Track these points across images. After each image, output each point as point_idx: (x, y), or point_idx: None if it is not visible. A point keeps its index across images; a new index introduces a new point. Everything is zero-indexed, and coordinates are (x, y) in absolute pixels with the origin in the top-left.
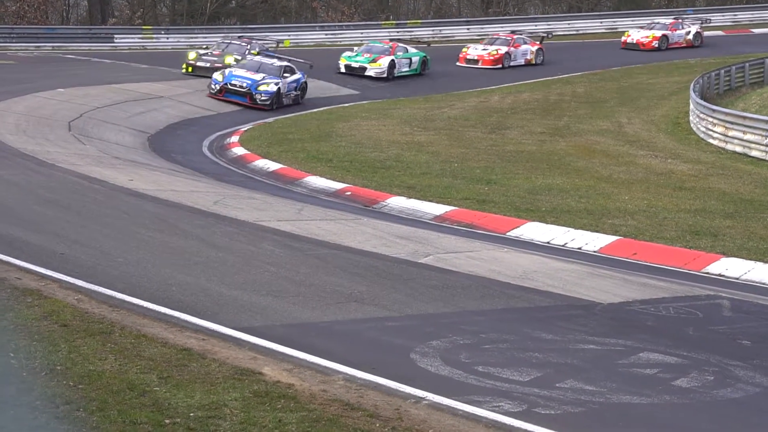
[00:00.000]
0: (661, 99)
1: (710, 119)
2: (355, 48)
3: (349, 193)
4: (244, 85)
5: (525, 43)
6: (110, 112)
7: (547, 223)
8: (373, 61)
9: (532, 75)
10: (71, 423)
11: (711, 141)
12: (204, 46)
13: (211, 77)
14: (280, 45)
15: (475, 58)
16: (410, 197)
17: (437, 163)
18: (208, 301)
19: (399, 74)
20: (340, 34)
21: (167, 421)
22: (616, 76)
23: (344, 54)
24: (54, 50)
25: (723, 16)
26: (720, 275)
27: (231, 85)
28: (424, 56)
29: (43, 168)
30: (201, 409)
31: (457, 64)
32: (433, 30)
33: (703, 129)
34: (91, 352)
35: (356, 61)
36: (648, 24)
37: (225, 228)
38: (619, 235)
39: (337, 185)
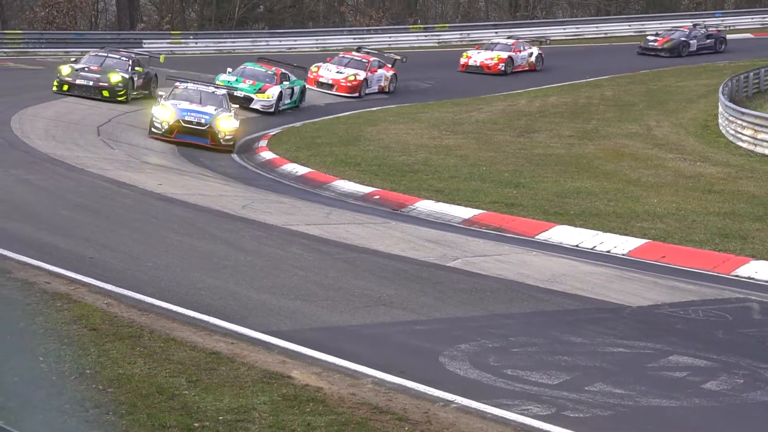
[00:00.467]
0: (689, 102)
1: (739, 122)
2: (230, 69)
3: (377, 196)
4: (202, 121)
5: (380, 66)
6: (139, 117)
7: (575, 226)
8: (260, 90)
9: (560, 78)
10: (101, 427)
11: (740, 144)
12: (72, 59)
13: (149, 109)
14: (153, 57)
15: (330, 82)
16: (438, 201)
17: (465, 167)
18: (236, 305)
19: (283, 107)
20: (368, 38)
21: (196, 424)
22: (645, 79)
23: (221, 76)
24: (83, 56)
25: (752, 18)
26: (749, 278)
27: (185, 122)
28: (303, 85)
29: (72, 173)
30: (230, 413)
31: (305, 85)
32: (461, 34)
33: (732, 132)
34: (121, 355)
35: (240, 89)
36: (489, 44)
37: (253, 232)
38: (648, 238)
39: (366, 189)
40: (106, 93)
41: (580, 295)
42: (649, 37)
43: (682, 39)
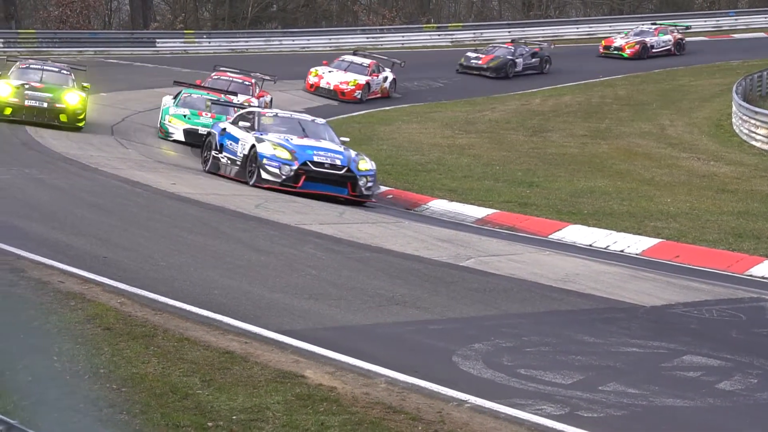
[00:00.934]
0: (703, 101)
1: (753, 121)
2: (168, 96)
3: (390, 196)
4: (337, 162)
5: (251, 93)
6: (152, 117)
7: (589, 225)
8: None
9: (572, 78)
10: (114, 426)
11: (754, 143)
12: None
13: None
14: (78, 67)
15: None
16: (452, 200)
17: (479, 166)
18: (250, 305)
19: None
20: (381, 37)
21: (210, 424)
22: (658, 78)
23: (170, 110)
24: (96, 55)
25: (766, 17)
26: (763, 278)
27: (315, 164)
28: None
29: (86, 172)
30: (243, 412)
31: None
32: (474, 33)
33: (746, 131)
34: (134, 355)
35: (203, 125)
36: (340, 63)
37: (267, 231)
38: (662, 238)
39: (379, 188)
40: (64, 118)
41: (594, 294)
42: (470, 54)
43: (509, 57)
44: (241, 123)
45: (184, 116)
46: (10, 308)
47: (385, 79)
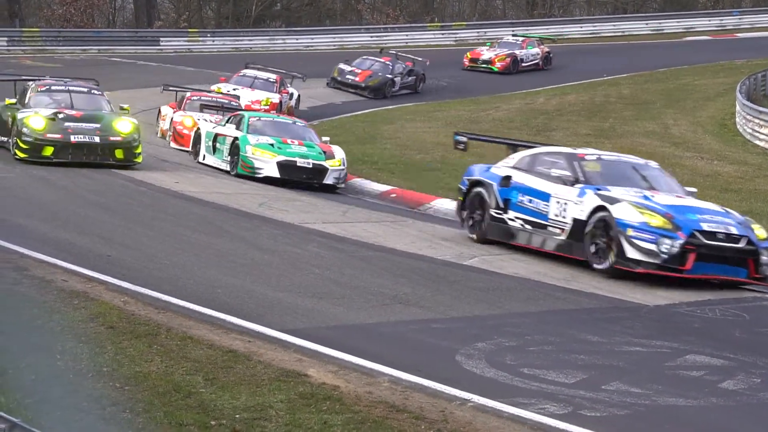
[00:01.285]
0: (707, 100)
1: (757, 120)
2: (222, 120)
3: (394, 195)
4: (733, 231)
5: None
6: (155, 115)
7: None
8: (327, 155)
9: (577, 77)
10: (117, 424)
11: (758, 143)
12: (11, 101)
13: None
14: (94, 90)
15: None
16: (455, 199)
17: None
18: (253, 303)
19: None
20: (385, 36)
21: (213, 422)
22: (662, 77)
23: (250, 139)
24: (100, 53)
25: None
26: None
27: (704, 235)
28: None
29: (89, 171)
30: (247, 411)
31: None
32: (478, 32)
33: (750, 130)
34: (138, 353)
35: (300, 155)
36: (241, 78)
37: (270, 230)
38: None
39: (382, 187)
40: (120, 154)
41: (597, 294)
42: (344, 67)
43: (388, 76)
44: (554, 170)
45: (272, 146)
46: (13, 306)
47: (291, 96)
